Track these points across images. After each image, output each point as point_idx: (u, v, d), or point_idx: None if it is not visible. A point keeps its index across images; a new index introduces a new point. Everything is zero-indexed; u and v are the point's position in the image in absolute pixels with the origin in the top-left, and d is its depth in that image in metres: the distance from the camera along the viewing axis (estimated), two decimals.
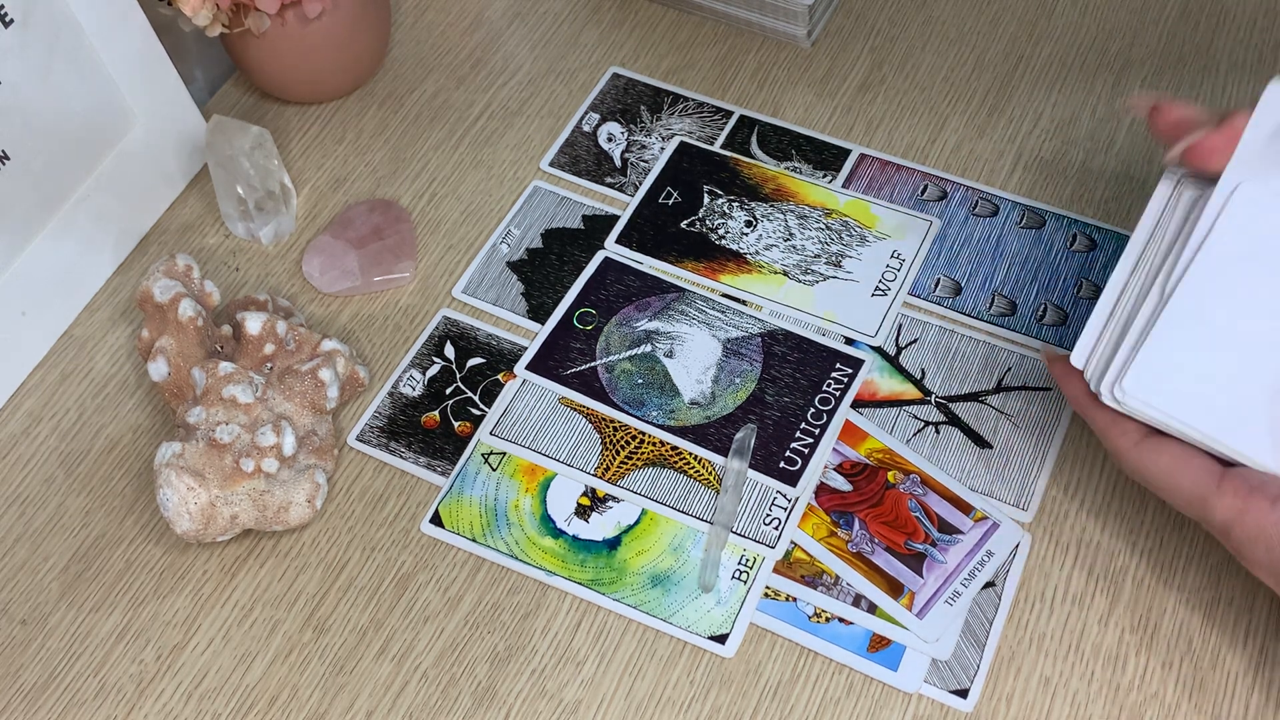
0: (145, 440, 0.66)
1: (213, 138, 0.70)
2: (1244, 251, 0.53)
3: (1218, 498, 0.51)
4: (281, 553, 0.62)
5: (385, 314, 0.70)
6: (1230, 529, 0.50)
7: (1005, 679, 0.57)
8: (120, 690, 0.59)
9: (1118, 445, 0.54)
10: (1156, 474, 0.53)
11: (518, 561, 0.61)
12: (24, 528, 0.64)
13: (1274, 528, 0.49)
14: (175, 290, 0.63)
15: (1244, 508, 0.50)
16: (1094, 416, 0.55)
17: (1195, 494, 0.51)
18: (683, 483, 0.63)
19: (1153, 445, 0.53)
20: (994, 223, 0.71)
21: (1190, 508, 0.52)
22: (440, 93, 0.80)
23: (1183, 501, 0.52)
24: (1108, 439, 0.54)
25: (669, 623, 0.59)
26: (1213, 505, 0.51)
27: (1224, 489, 0.51)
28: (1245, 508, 0.50)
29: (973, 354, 0.66)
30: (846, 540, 0.61)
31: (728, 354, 0.67)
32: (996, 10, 0.81)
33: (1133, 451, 0.53)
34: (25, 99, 0.65)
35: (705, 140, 0.76)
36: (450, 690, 0.58)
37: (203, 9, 0.70)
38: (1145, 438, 0.53)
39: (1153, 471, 0.53)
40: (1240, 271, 0.53)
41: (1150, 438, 0.53)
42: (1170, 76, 0.77)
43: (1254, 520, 0.50)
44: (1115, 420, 0.54)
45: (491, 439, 0.65)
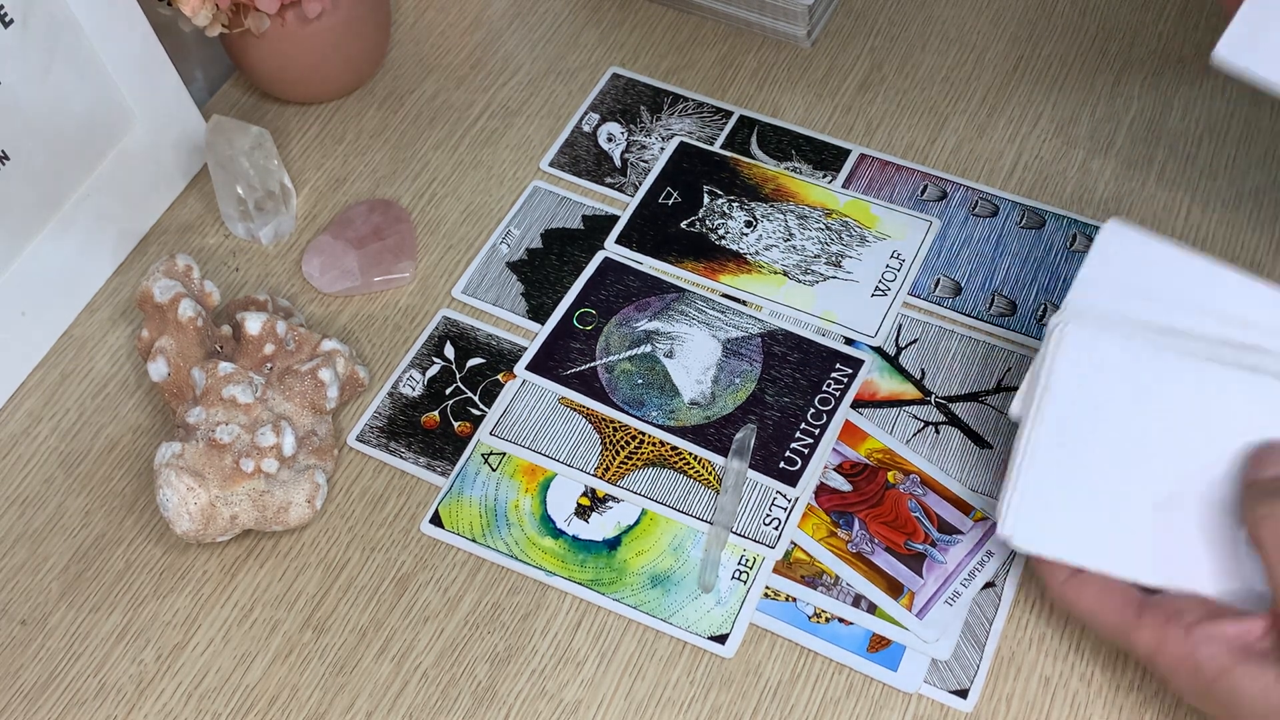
0: (145, 440, 0.66)
1: (213, 138, 0.70)
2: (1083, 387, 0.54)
3: (1137, 631, 0.51)
4: (281, 553, 0.62)
5: (385, 314, 0.70)
6: (1153, 660, 0.51)
7: (1005, 679, 0.57)
8: (120, 690, 0.59)
9: (1049, 584, 0.55)
10: (1081, 609, 0.54)
11: (518, 562, 0.61)
12: (24, 528, 0.64)
13: (1190, 656, 0.50)
14: (175, 290, 0.63)
15: (1162, 638, 0.51)
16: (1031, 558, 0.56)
17: (1118, 628, 0.52)
18: (683, 483, 0.63)
19: (1077, 583, 0.54)
20: (994, 223, 0.71)
21: (1116, 639, 0.53)
22: (440, 93, 0.80)
23: (1109, 634, 0.53)
24: (1042, 577, 0.55)
25: (669, 623, 0.59)
26: (1134, 639, 0.52)
27: (1143, 621, 0.51)
28: (1163, 638, 0.51)
29: (973, 354, 0.66)
30: (846, 540, 0.61)
31: (728, 354, 0.67)
32: (996, 10, 0.81)
33: (1060, 589, 0.54)
34: (25, 99, 0.65)
35: (705, 140, 0.76)
36: (450, 690, 0.58)
37: (203, 9, 0.70)
38: (1071, 576, 0.54)
39: (1079, 607, 0.54)
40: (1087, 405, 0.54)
41: (1076, 575, 0.54)
42: (1170, 76, 0.77)
43: (1172, 650, 0.50)
44: (1044, 560, 0.55)
45: (491, 439, 0.65)
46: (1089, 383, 0.55)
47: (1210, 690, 0.49)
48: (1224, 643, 0.49)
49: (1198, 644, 0.50)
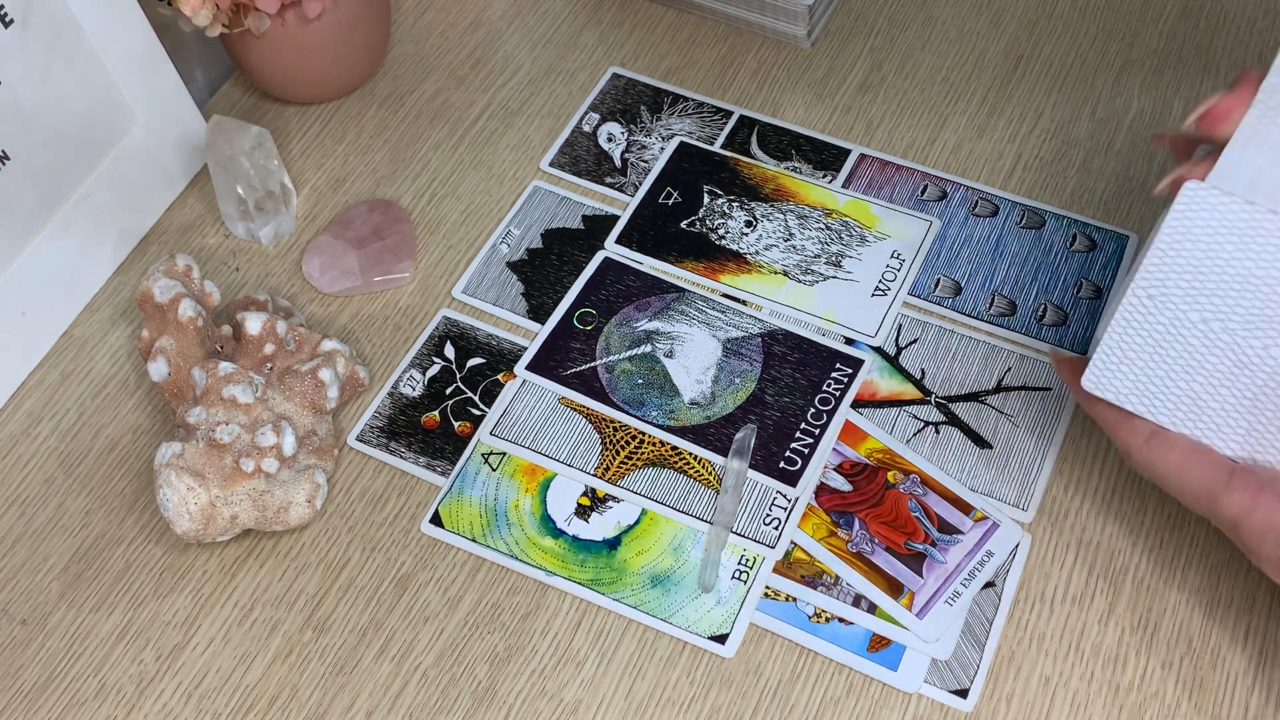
0: (145, 440, 0.66)
1: (213, 138, 0.70)
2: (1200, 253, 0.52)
3: (1227, 494, 0.51)
4: (281, 553, 0.62)
5: (385, 314, 0.70)
6: (1239, 525, 0.50)
7: (1005, 679, 0.57)
8: (120, 690, 0.59)
9: (1127, 442, 0.54)
10: (1165, 471, 0.52)
11: (518, 561, 0.61)
12: (24, 528, 0.64)
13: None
14: (175, 290, 0.63)
15: (1253, 504, 0.50)
16: (1101, 414, 0.55)
17: (1205, 490, 0.51)
18: (683, 483, 0.63)
19: (1161, 441, 0.53)
20: (994, 223, 0.71)
21: (1199, 504, 0.52)
22: (440, 93, 0.80)
23: (1192, 498, 0.52)
24: (1116, 436, 0.54)
25: (669, 623, 0.59)
26: (1222, 501, 0.51)
27: (1234, 485, 0.51)
28: (1255, 504, 0.50)
29: (973, 354, 0.66)
30: (846, 540, 0.61)
31: (728, 354, 0.67)
32: (996, 10, 0.81)
33: (1142, 448, 0.53)
34: (25, 99, 0.65)
35: (705, 140, 0.76)
36: (450, 690, 0.58)
37: (203, 9, 0.70)
38: (1154, 434, 0.53)
39: (1161, 468, 0.53)
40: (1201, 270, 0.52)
41: (1159, 434, 0.53)
42: (1170, 76, 0.77)
43: (1263, 516, 0.50)
44: (1123, 418, 0.54)
45: (491, 439, 0.65)
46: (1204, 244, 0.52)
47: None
48: None
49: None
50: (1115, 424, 0.54)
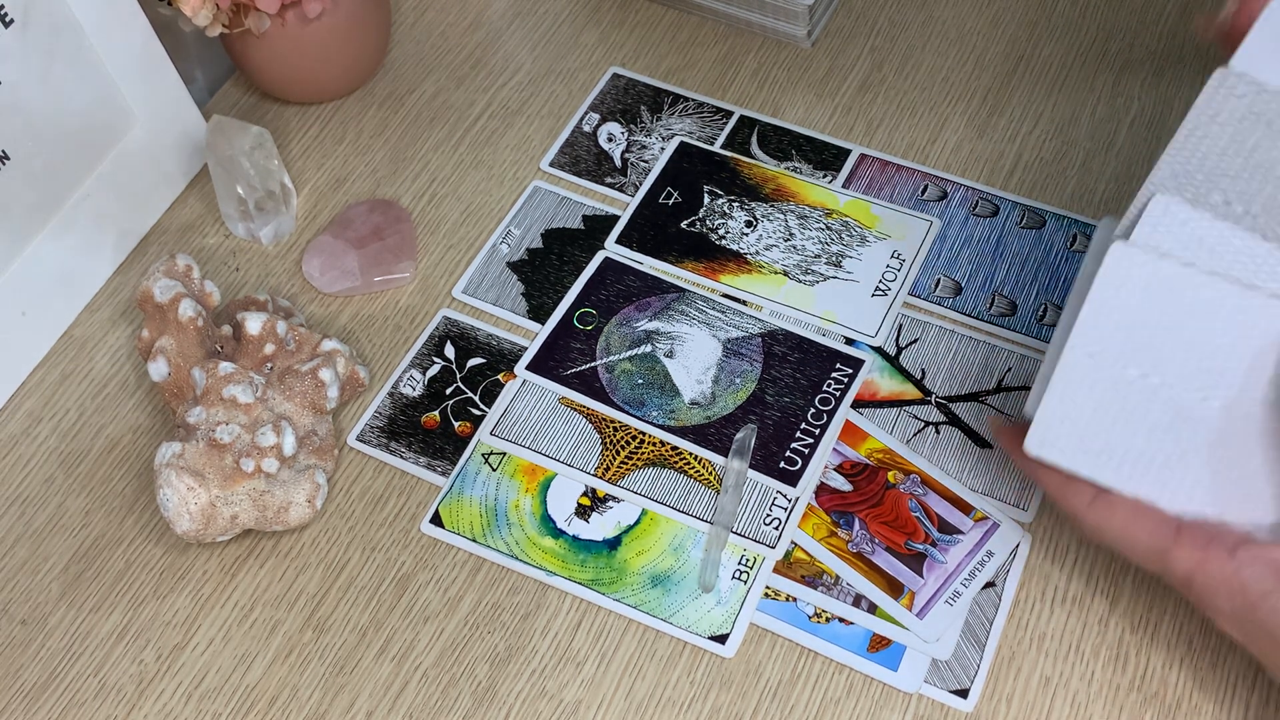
0: (145, 440, 0.66)
1: (213, 138, 0.70)
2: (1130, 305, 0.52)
3: (1176, 550, 0.50)
4: (281, 553, 0.62)
5: (385, 314, 0.70)
6: (1191, 581, 0.50)
7: (1005, 679, 0.57)
8: (120, 690, 0.59)
9: (1071, 506, 0.53)
10: (1112, 532, 0.52)
11: (518, 561, 0.61)
12: (24, 528, 0.64)
13: (1234, 577, 0.49)
14: (175, 290, 0.63)
15: (1203, 558, 0.50)
16: (1044, 481, 0.54)
17: (1153, 549, 0.51)
18: (683, 483, 0.63)
19: (1105, 504, 0.52)
20: (994, 223, 0.71)
21: (1149, 563, 0.52)
22: (440, 93, 0.80)
23: (1142, 557, 0.52)
24: (1062, 503, 0.54)
25: (669, 623, 0.59)
26: (1172, 558, 0.50)
27: (1181, 541, 0.50)
28: (1204, 558, 0.50)
29: (973, 354, 0.66)
30: (847, 540, 0.61)
31: (728, 354, 0.67)
32: (996, 10, 0.81)
33: (1087, 512, 0.53)
34: (25, 99, 0.65)
35: (705, 140, 0.76)
36: (450, 690, 0.58)
37: (203, 9, 0.70)
38: (1097, 497, 0.52)
39: (1108, 531, 0.52)
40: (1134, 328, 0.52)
41: (1102, 496, 0.52)
42: (1170, 76, 0.77)
43: (1214, 570, 0.49)
44: (1066, 483, 0.53)
45: (492, 439, 0.65)
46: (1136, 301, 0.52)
47: (1253, 612, 0.48)
48: (1271, 565, 0.48)
49: (1242, 565, 0.48)
50: (1059, 490, 0.54)
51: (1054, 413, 0.53)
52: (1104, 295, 0.53)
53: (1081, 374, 0.52)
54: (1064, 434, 0.53)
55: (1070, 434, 0.53)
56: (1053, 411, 0.53)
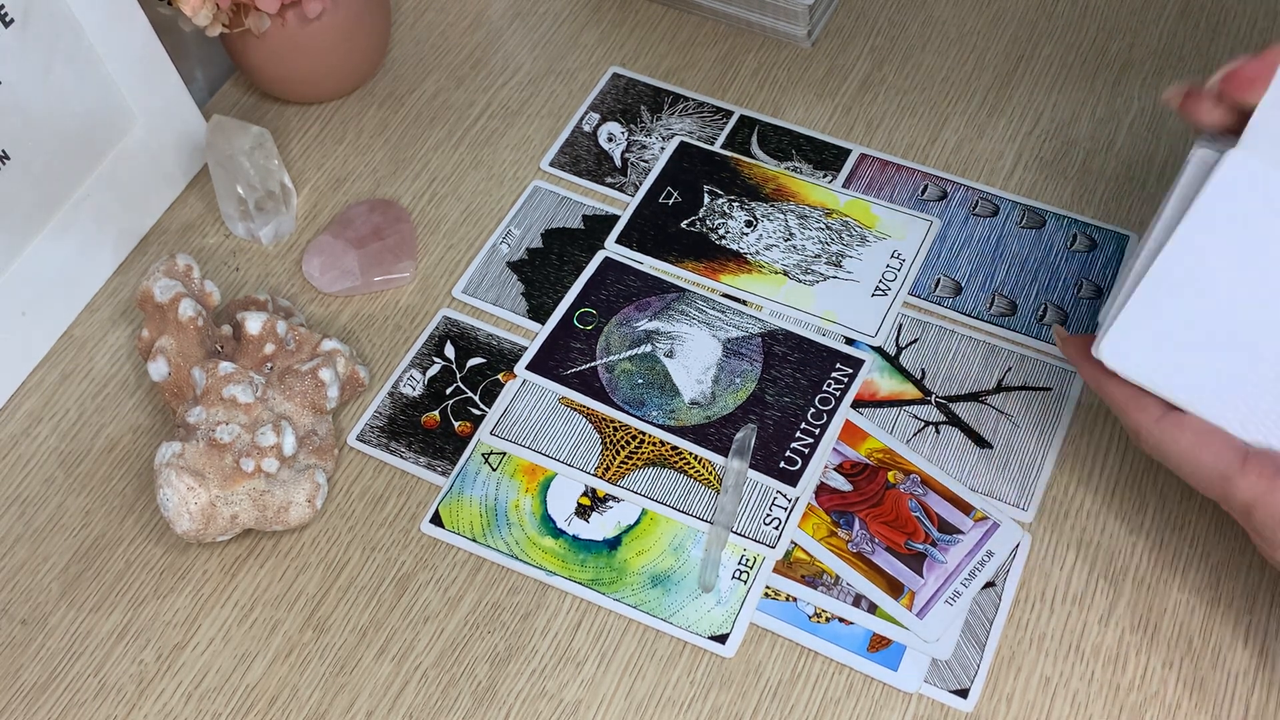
0: (145, 440, 0.66)
1: (213, 138, 0.70)
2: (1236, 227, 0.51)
3: (1241, 477, 0.49)
4: (281, 553, 0.62)
5: (385, 314, 0.70)
6: (1253, 510, 0.49)
7: (1005, 679, 0.57)
8: (120, 690, 0.59)
9: (1137, 421, 0.52)
10: (1177, 452, 0.51)
11: (518, 561, 0.61)
12: (24, 528, 0.64)
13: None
14: (175, 290, 0.63)
15: (1269, 488, 0.48)
16: (1111, 393, 0.53)
17: (1217, 472, 0.50)
18: (683, 483, 0.63)
19: (1173, 422, 0.51)
20: (994, 223, 0.71)
21: (1211, 487, 0.50)
22: (440, 93, 0.80)
23: (1204, 481, 0.50)
24: (1126, 416, 0.52)
25: (669, 623, 0.59)
26: (1236, 485, 0.49)
27: (1248, 469, 0.49)
28: (1270, 488, 0.48)
29: (973, 354, 0.66)
30: (847, 540, 0.61)
31: (728, 354, 0.67)
32: (996, 10, 0.81)
33: (1153, 428, 0.51)
34: (25, 99, 0.65)
35: (705, 140, 0.76)
36: (450, 690, 0.58)
37: (203, 9, 0.70)
38: (1165, 414, 0.51)
39: (1173, 449, 0.51)
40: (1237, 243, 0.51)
41: (1171, 414, 0.51)
42: (1170, 76, 0.77)
43: (1278, 501, 0.48)
44: (1133, 396, 0.52)
45: (492, 439, 0.65)
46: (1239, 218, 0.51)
47: None
48: None
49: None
50: (1126, 402, 0.52)
51: (1135, 321, 0.51)
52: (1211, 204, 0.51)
53: (1171, 282, 0.51)
54: (1141, 344, 0.51)
55: (1148, 345, 0.51)
56: (1134, 319, 0.51)
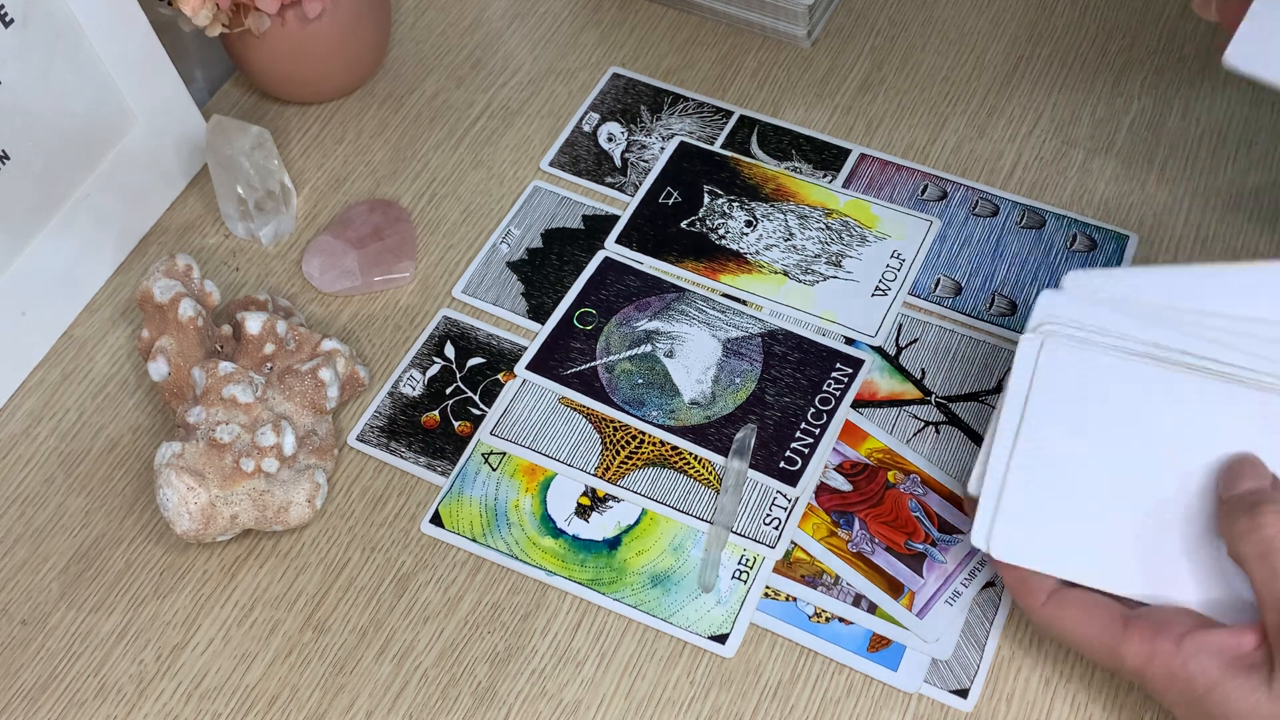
0: (145, 440, 0.66)
1: (213, 138, 0.70)
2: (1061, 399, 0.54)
3: (1125, 645, 0.51)
4: (281, 553, 0.62)
5: (385, 314, 0.70)
6: (1143, 674, 0.50)
7: (1005, 679, 0.57)
8: (120, 690, 0.59)
9: (1027, 604, 0.54)
10: (1065, 628, 0.53)
11: (518, 561, 0.61)
12: (24, 528, 0.64)
13: (1181, 669, 0.49)
14: (175, 290, 0.63)
15: (1151, 653, 0.50)
16: (1004, 575, 0.55)
17: (1104, 644, 0.51)
18: (683, 483, 0.63)
19: (1058, 600, 0.53)
20: (994, 223, 0.71)
21: (1103, 659, 0.52)
22: (440, 93, 0.80)
23: (1095, 653, 0.52)
24: (1018, 598, 0.54)
25: (669, 623, 0.59)
26: (1122, 653, 0.51)
27: (1129, 636, 0.51)
28: (1153, 652, 0.50)
29: (973, 354, 0.66)
30: (846, 540, 0.61)
31: (728, 354, 0.67)
32: (996, 10, 0.81)
33: (1041, 609, 0.53)
34: (25, 99, 0.65)
35: (705, 140, 0.76)
36: (450, 690, 0.58)
37: (203, 9, 0.70)
38: (1051, 594, 0.53)
39: (1061, 626, 0.53)
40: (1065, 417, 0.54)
41: (1056, 593, 0.53)
42: (1170, 76, 0.77)
43: (1162, 663, 0.50)
44: (1022, 579, 0.54)
45: (491, 439, 0.65)
46: (1066, 394, 0.54)
47: (1202, 703, 0.49)
48: (1216, 654, 0.49)
49: (1189, 656, 0.49)
50: (1016, 586, 0.54)
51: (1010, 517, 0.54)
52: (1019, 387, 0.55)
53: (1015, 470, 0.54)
54: (1001, 535, 0.54)
55: (1007, 534, 0.54)
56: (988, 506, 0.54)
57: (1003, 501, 0.54)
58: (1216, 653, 0.49)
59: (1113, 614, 0.52)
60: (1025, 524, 0.54)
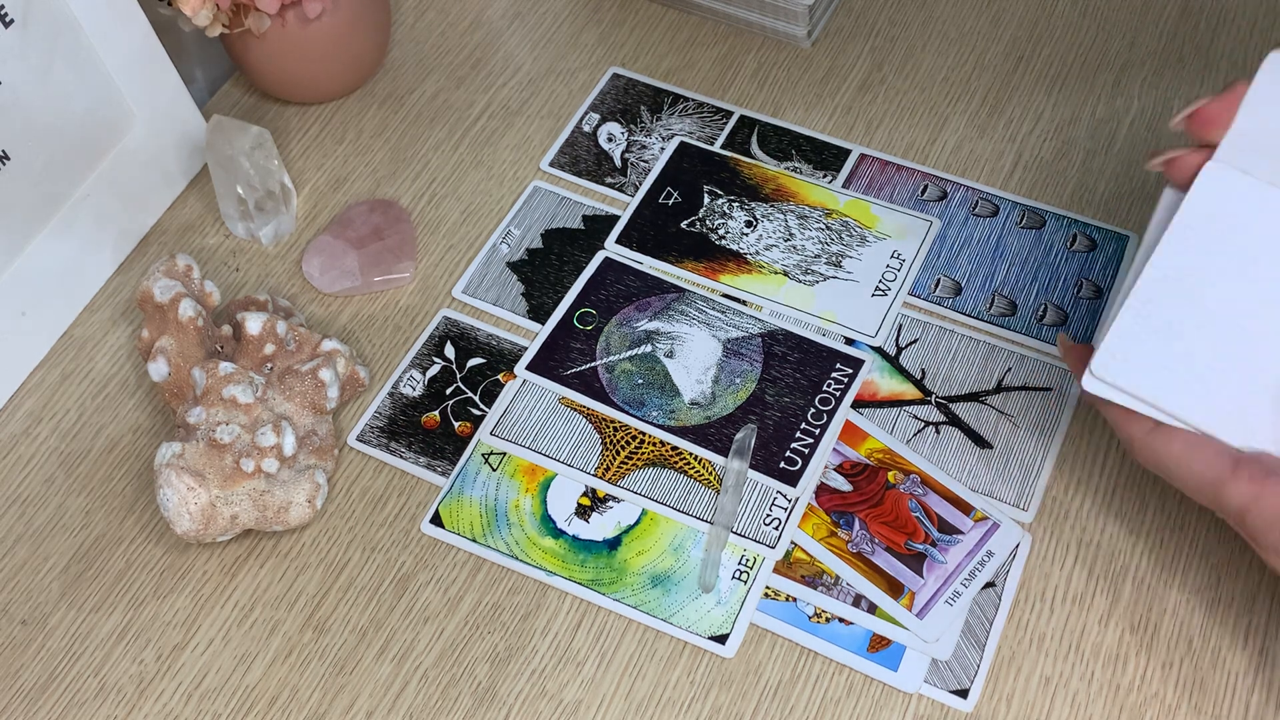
0: (145, 440, 0.66)
1: (213, 138, 0.70)
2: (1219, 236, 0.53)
3: (1233, 483, 0.50)
4: (281, 553, 0.62)
5: (385, 314, 0.70)
6: (1245, 514, 0.50)
7: (1005, 679, 0.57)
8: (120, 690, 0.59)
9: (1130, 434, 0.53)
10: (1169, 461, 0.52)
11: (518, 561, 0.61)
12: (24, 528, 0.64)
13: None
14: (175, 290, 0.63)
15: (1259, 493, 0.49)
16: (1105, 408, 0.54)
17: (1209, 479, 0.51)
18: (683, 483, 0.63)
19: (1165, 433, 0.52)
20: (994, 223, 0.71)
21: (1204, 494, 0.51)
22: (440, 93, 0.80)
23: (1197, 489, 0.51)
24: (1120, 429, 0.54)
25: (669, 623, 0.59)
26: (1227, 491, 0.50)
27: (1239, 474, 0.50)
28: (1261, 492, 0.49)
29: (973, 354, 0.66)
30: (846, 540, 0.61)
31: (728, 354, 0.67)
32: (996, 10, 0.81)
33: (1145, 440, 0.52)
34: (25, 99, 0.65)
35: (705, 140, 0.76)
36: (450, 691, 0.58)
37: (203, 9, 0.70)
38: (1157, 425, 0.52)
39: (1165, 459, 0.52)
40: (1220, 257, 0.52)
41: (1162, 426, 0.52)
42: (1170, 76, 0.77)
43: (1270, 505, 0.49)
44: (1126, 409, 0.53)
45: (492, 439, 0.65)
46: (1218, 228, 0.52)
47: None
48: None
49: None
50: (1119, 415, 0.53)
51: (1120, 342, 0.52)
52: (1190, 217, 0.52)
53: (1156, 300, 0.52)
54: (1128, 365, 0.52)
55: (1135, 365, 0.52)
56: (1119, 341, 0.52)
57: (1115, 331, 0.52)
58: None
59: (1221, 449, 0.51)
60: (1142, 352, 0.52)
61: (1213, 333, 0.52)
